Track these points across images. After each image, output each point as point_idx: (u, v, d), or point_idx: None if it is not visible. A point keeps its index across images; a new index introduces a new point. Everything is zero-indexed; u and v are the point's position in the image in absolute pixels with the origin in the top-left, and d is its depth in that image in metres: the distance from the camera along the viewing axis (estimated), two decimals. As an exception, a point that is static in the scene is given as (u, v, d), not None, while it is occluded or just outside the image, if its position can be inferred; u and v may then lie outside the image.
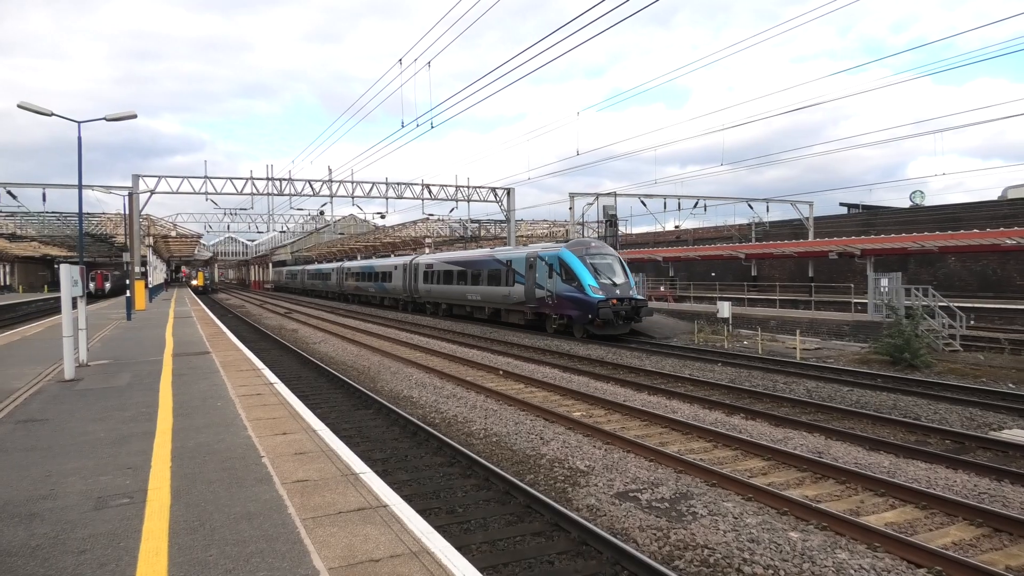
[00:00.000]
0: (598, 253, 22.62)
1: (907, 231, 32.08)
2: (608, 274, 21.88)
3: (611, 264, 22.36)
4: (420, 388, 13.45)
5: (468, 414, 11.02)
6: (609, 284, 21.47)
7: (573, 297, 21.82)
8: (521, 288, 24.76)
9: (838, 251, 29.91)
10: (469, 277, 29.54)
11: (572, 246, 22.95)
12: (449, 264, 32.26)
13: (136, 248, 31.47)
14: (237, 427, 7.16)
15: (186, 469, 5.66)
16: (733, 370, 15.47)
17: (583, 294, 21.39)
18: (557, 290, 22.52)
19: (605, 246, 23.62)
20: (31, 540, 4.30)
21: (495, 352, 18.93)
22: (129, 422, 7.45)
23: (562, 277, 22.30)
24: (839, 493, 7.29)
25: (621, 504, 6.87)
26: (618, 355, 18.23)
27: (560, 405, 11.67)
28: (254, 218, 51.57)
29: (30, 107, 17.28)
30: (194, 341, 16.47)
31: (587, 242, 23.97)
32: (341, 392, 13.21)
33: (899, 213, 42.00)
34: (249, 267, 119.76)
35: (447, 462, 8.29)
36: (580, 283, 21.53)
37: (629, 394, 12.70)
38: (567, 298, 22.09)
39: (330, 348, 20.78)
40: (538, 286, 23.62)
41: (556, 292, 22.57)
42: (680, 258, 44.08)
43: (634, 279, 23.12)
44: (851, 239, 31.30)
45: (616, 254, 23.38)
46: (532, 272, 24.03)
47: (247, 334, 25.01)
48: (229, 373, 11.02)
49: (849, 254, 29.94)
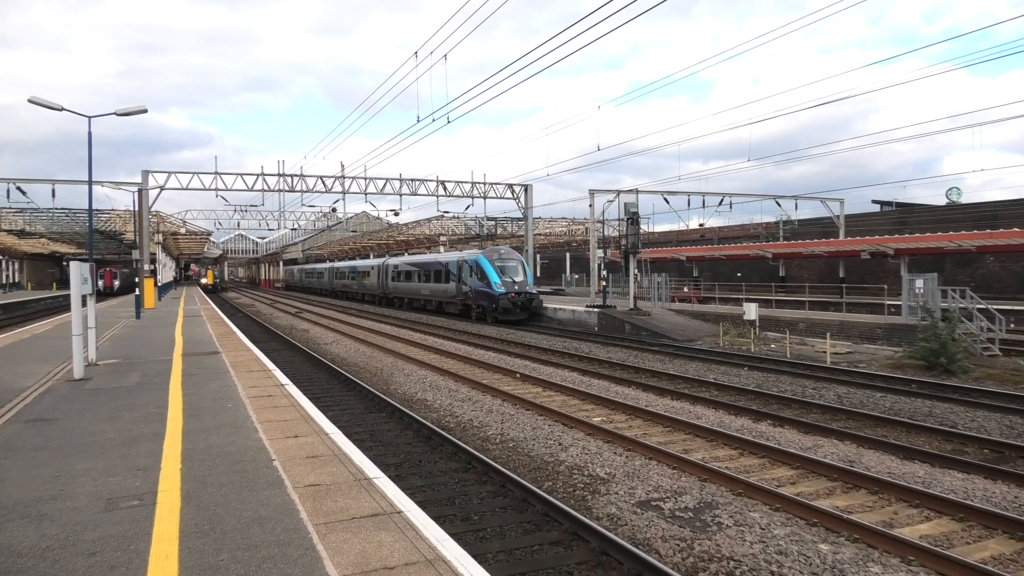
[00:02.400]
0: (506, 257, 30.70)
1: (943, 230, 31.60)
2: (511, 274, 29.90)
3: (515, 266, 30.39)
4: (434, 391, 13.50)
5: (484, 418, 11.03)
6: (510, 281, 29.47)
7: (484, 291, 29.92)
8: (454, 285, 32.91)
9: (870, 251, 29.54)
10: (422, 276, 37.63)
11: (486, 252, 31.19)
12: (410, 266, 40.62)
13: (145, 245, 31.90)
14: (248, 429, 7.23)
15: (196, 471, 5.72)
16: (760, 374, 15.37)
17: (490, 289, 29.42)
18: (475, 286, 30.67)
19: (512, 252, 31.91)
20: (41, 541, 4.37)
21: (511, 355, 18.97)
22: (139, 423, 7.55)
23: (478, 276, 30.38)
24: (871, 504, 7.19)
25: (643, 513, 6.83)
26: (640, 358, 18.19)
27: (579, 410, 11.65)
28: (264, 215, 52.00)
29: (40, 102, 17.58)
30: (204, 341, 16.65)
31: (498, 249, 32.42)
32: (353, 394, 13.29)
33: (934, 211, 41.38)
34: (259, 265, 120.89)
35: (462, 468, 8.31)
36: (489, 281, 29.59)
37: (651, 399, 12.65)
38: (481, 292, 30.21)
39: (342, 349, 20.93)
40: (463, 283, 31.85)
41: (474, 288, 30.75)
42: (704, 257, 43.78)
43: (532, 277, 31.38)
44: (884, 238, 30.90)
45: (520, 258, 31.46)
46: (461, 272, 32.22)
47: (257, 334, 25.25)
48: (239, 374, 11.13)
49: (882, 254, 29.55)
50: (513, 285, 29.39)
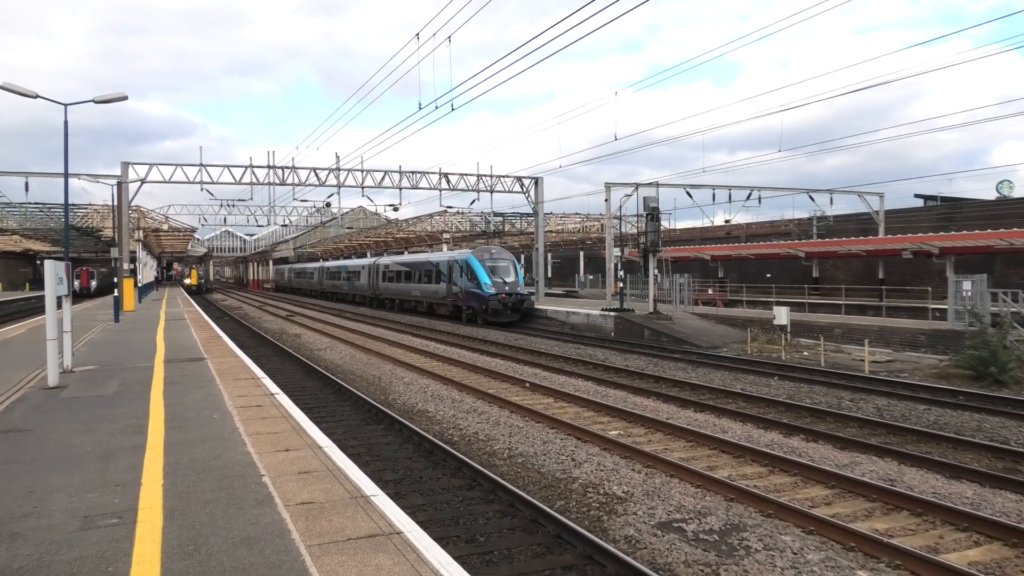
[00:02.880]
0: (497, 258, 32.27)
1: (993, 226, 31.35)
2: (501, 274, 31.36)
3: (506, 267, 31.85)
4: (436, 401, 13.52)
5: (490, 431, 11.04)
6: (500, 282, 30.94)
7: (474, 292, 31.40)
8: (445, 286, 34.47)
9: (913, 249, 29.35)
10: (413, 277, 39.24)
11: (476, 252, 32.68)
12: (400, 266, 42.24)
13: (125, 243, 32.12)
14: (235, 442, 7.26)
15: (179, 487, 5.74)
16: (792, 385, 15.33)
17: (480, 290, 30.93)
18: (465, 287, 32.14)
19: (503, 252, 33.71)
20: (13, 562, 4.39)
21: (520, 362, 18.99)
22: (118, 434, 7.59)
23: (468, 277, 31.85)
24: (914, 527, 7.14)
25: (664, 535, 6.81)
26: (660, 367, 18.17)
27: (594, 423, 11.65)
28: (253, 210, 52.23)
29: (13, 88, 17.73)
30: (188, 346, 16.74)
31: (489, 249, 34.08)
32: (349, 405, 13.33)
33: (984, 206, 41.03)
34: (247, 264, 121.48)
35: (467, 485, 8.31)
36: (479, 281, 31.10)
37: (673, 411, 12.63)
38: (471, 293, 31.68)
39: (336, 355, 21.01)
40: (454, 284, 33.39)
41: (464, 288, 32.22)
42: (731, 257, 43.64)
43: (523, 277, 33.12)
44: (928, 236, 30.71)
45: (511, 258, 32.97)
46: (451, 273, 33.65)
47: (245, 339, 25.36)
48: (226, 382, 11.18)
49: (925, 253, 29.35)
50: (504, 286, 31.02)
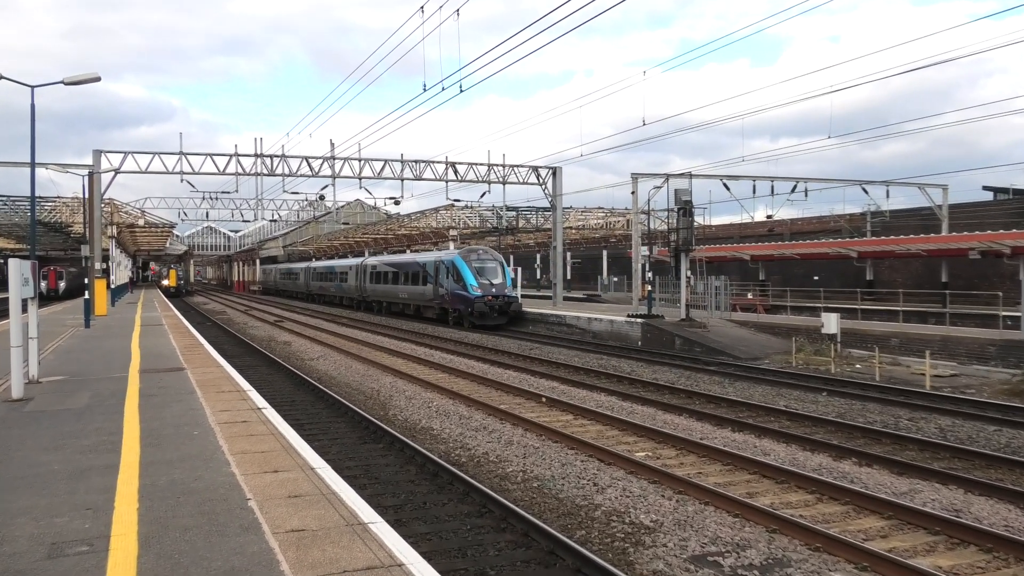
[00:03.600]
0: (484, 258, 34.99)
1: (1074, 224, 31.02)
2: (489, 276, 33.80)
3: (494, 268, 34.44)
4: (442, 418, 13.57)
5: (502, 452, 11.07)
6: (487, 284, 33.32)
7: (460, 294, 33.80)
8: (431, 287, 36.84)
9: (981, 249, 29.08)
10: (400, 278, 41.63)
11: (463, 253, 35.60)
12: (388, 266, 44.63)
13: (97, 240, 32.46)
14: (218, 462, 7.32)
15: (156, 512, 5.80)
16: (842, 401, 15.29)
17: (466, 291, 33.26)
18: (451, 288, 34.57)
19: (491, 252, 36.69)
20: (-27, 594, 4.45)
21: (535, 374, 19.01)
22: (88, 452, 7.68)
23: (454, 278, 34.28)
24: (984, 564, 7.08)
25: (697, 571, 6.80)
26: (693, 380, 18.16)
27: (619, 443, 11.65)
28: (239, 204, 52.67)
29: (-25, 68, 17.96)
30: (165, 355, 16.90)
31: (476, 249, 37.30)
32: (344, 421, 13.40)
33: (1063, 200, 40.57)
34: (232, 264, 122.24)
35: (476, 511, 8.33)
36: (465, 283, 33.44)
37: (707, 430, 12.61)
38: (457, 295, 34.11)
39: (331, 365, 21.13)
40: (440, 286, 35.76)
41: (450, 290, 34.70)
42: (773, 257, 43.43)
43: (511, 278, 35.40)
44: (999, 233, 30.41)
45: (500, 259, 35.70)
46: (437, 274, 35.99)
47: (229, 347, 25.54)
48: (208, 395, 11.28)
49: (996, 253, 29.07)
50: (491, 288, 33.36)
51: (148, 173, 34.61)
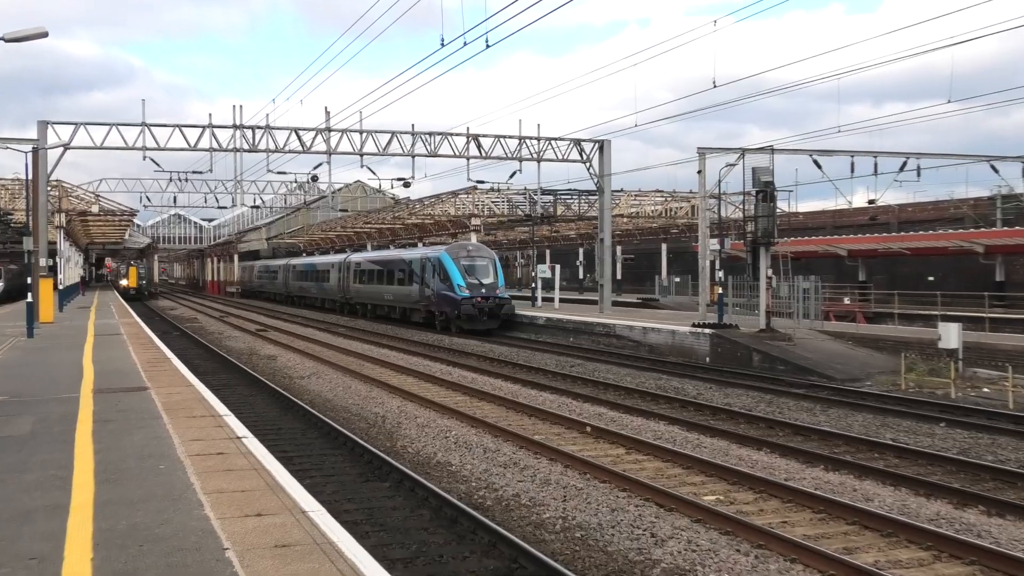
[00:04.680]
0: (474, 255, 38.25)
1: None
2: (479, 275, 36.97)
3: (485, 266, 37.76)
4: (462, 450, 13.62)
5: (537, 493, 11.06)
6: (476, 284, 36.59)
7: (446, 295, 37.02)
8: (417, 288, 40.17)
9: None
10: (385, 277, 45.21)
11: (450, 249, 39.15)
12: (372, 264, 48.14)
13: (42, 230, 32.97)
14: (189, 502, 7.38)
15: (115, 563, 5.85)
16: (966, 434, 15.12)
17: (452, 292, 36.47)
18: (437, 289, 37.75)
19: (483, 248, 40.98)
20: None
21: (577, 397, 19.01)
22: (33, 490, 7.77)
23: (440, 277, 37.37)
24: None
25: (782, 644, 6.73)
26: (776, 406, 18.06)
27: (682, 484, 11.61)
28: (214, 186, 53.22)
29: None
30: (125, 371, 17.13)
31: (465, 245, 40.92)
32: (342, 454, 13.49)
33: None
34: (205, 260, 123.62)
35: (504, 568, 8.34)
36: (451, 283, 36.58)
37: (794, 469, 12.52)
38: (443, 296, 37.37)
39: (325, 385, 21.31)
40: (426, 286, 39.02)
41: (436, 291, 37.88)
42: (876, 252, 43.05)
43: (503, 278, 39.08)
44: None
45: (491, 256, 39.54)
46: (424, 273, 39.16)
47: (202, 362, 25.81)
48: (177, 420, 11.38)
49: None
50: (480, 288, 36.64)
51: (104, 149, 35.15)
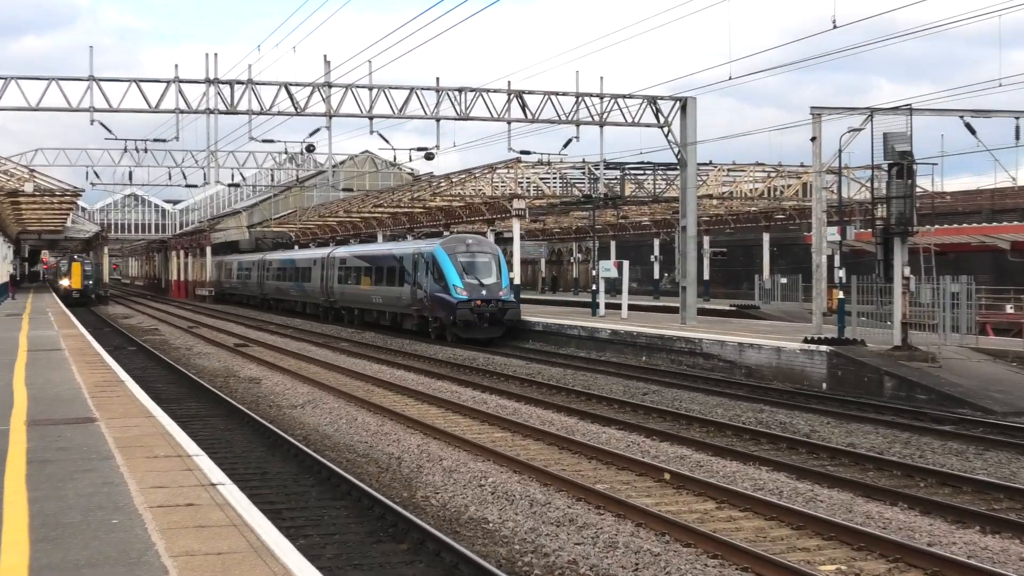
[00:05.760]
0: (474, 251, 40.41)
1: None
2: (478, 274, 39.37)
3: (486, 263, 40.10)
4: (502, 502, 13.60)
5: (601, 560, 11.01)
6: (476, 284, 38.77)
7: (440, 298, 39.16)
8: (409, 289, 42.56)
9: None
10: (373, 275, 47.90)
11: (446, 243, 41.29)
12: (358, 259, 51.21)
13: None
14: (150, 568, 7.37)
15: (54, 647, 5.87)
16: None
17: (447, 294, 38.62)
18: (431, 290, 39.92)
19: (485, 243, 43.26)
20: None
21: (651, 434, 18.92)
22: (-50, 550, 7.82)
23: (434, 277, 39.56)
24: None
25: None
26: (914, 448, 17.94)
27: (792, 548, 11.55)
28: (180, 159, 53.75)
29: None
30: (67, 397, 17.21)
31: (464, 239, 42.63)
32: (345, 506, 13.52)
33: None
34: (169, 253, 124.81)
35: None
36: (446, 283, 38.64)
37: (940, 530, 12.40)
38: (437, 299, 39.50)
39: (323, 417, 21.44)
40: (419, 286, 41.31)
41: (430, 293, 40.10)
42: (1049, 245, 42.37)
43: (508, 278, 41.27)
44: None
45: (495, 251, 41.94)
46: (416, 271, 41.60)
47: (166, 386, 26.04)
48: (133, 462, 11.38)
49: None
50: (479, 290, 38.84)
51: (40, 110, 35.25)
